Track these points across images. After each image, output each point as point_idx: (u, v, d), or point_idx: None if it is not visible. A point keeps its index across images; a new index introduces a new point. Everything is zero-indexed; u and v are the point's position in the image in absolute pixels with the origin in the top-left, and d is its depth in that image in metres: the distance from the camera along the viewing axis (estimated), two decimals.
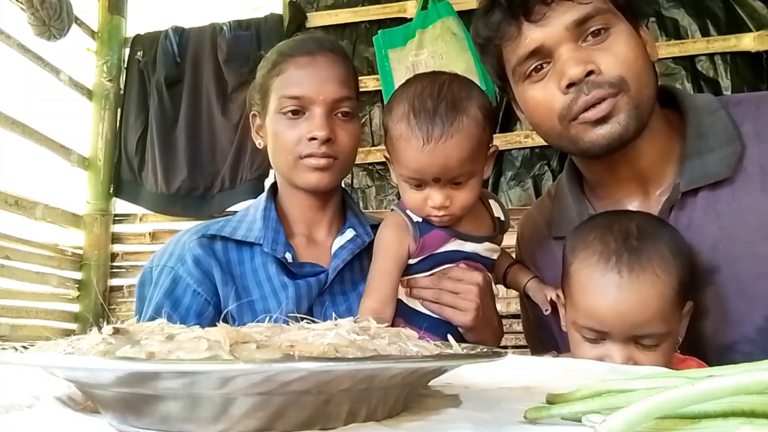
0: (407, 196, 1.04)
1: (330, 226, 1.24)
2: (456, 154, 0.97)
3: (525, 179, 2.87)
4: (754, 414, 0.39)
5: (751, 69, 2.67)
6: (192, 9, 3.31)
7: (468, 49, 2.70)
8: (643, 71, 0.98)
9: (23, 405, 0.51)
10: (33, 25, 2.75)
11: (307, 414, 0.44)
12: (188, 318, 1.10)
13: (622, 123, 0.96)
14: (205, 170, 3.12)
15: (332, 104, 1.14)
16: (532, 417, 0.48)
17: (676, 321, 0.91)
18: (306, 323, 0.53)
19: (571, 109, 0.97)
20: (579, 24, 0.96)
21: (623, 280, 0.88)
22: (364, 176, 3.04)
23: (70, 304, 3.11)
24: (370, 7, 3.09)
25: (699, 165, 0.99)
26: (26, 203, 2.77)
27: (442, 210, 1.00)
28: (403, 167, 1.01)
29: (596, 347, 0.91)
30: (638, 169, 1.04)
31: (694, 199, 1.00)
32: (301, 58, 1.16)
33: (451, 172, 0.98)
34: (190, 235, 1.17)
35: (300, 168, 1.15)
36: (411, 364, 0.47)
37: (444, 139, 0.96)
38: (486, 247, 1.08)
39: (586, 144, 0.99)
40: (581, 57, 0.95)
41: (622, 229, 0.92)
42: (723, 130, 1.00)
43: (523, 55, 1.00)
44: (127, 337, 0.46)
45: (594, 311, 0.90)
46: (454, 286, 1.04)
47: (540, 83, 1.00)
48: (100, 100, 3.30)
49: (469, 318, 1.03)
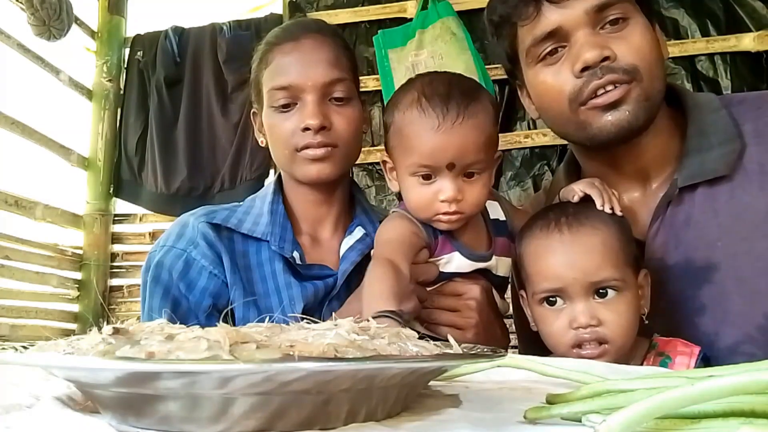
0: (413, 194, 0.96)
1: (336, 224, 1.17)
2: (472, 136, 0.91)
3: (525, 179, 2.87)
4: (754, 414, 0.39)
5: (751, 69, 2.67)
6: (192, 9, 3.31)
7: (468, 49, 2.70)
8: (656, 65, 0.98)
9: (23, 405, 0.51)
10: (33, 25, 2.75)
11: (307, 414, 0.44)
12: (204, 299, 1.06)
13: (632, 111, 0.96)
14: (205, 170, 3.12)
15: (323, 89, 1.07)
16: (532, 417, 0.48)
17: (630, 276, 0.92)
18: (306, 323, 0.53)
19: (582, 92, 0.96)
20: (599, 10, 0.96)
21: (565, 236, 0.92)
22: (364, 176, 3.04)
23: (70, 304, 3.11)
24: (370, 7, 3.09)
25: (698, 162, 0.99)
26: (26, 203, 2.77)
27: (454, 205, 0.93)
28: (414, 154, 0.93)
29: (561, 314, 0.92)
30: (640, 164, 1.04)
31: (692, 196, 1.00)
32: (285, 44, 1.10)
33: (467, 157, 0.91)
34: (196, 218, 1.11)
35: (298, 161, 1.08)
36: (411, 364, 0.47)
37: (460, 120, 0.90)
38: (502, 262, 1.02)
39: (593, 130, 0.98)
40: (598, 42, 0.95)
41: (559, 207, 0.98)
42: (723, 128, 1.00)
43: (540, 36, 0.99)
44: (127, 337, 0.46)
45: (547, 272, 0.92)
46: (451, 303, 0.99)
47: (553, 67, 1.00)
48: (100, 100, 3.30)
49: (469, 335, 0.97)
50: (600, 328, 0.89)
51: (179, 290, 1.07)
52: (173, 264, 1.08)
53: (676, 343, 0.94)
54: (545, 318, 0.94)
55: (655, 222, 1.02)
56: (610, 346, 0.89)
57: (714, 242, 0.98)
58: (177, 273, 1.07)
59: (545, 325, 0.94)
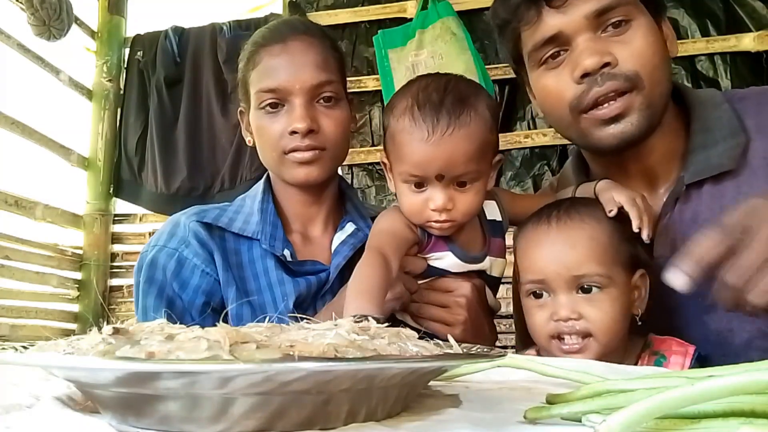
0: (405, 200, 0.97)
1: (326, 221, 1.18)
2: (462, 148, 0.91)
3: (525, 179, 2.87)
4: (754, 414, 0.39)
5: (751, 69, 2.67)
6: (192, 9, 3.31)
7: (468, 49, 2.70)
8: (660, 68, 0.97)
9: (23, 405, 0.51)
10: (33, 25, 2.75)
11: (307, 414, 0.44)
12: (197, 297, 1.07)
13: (635, 123, 0.95)
14: (204, 170, 3.12)
15: (311, 91, 1.07)
16: (532, 417, 0.48)
17: (620, 274, 0.91)
18: (306, 323, 0.53)
19: (582, 100, 0.96)
20: (600, 14, 0.95)
21: (552, 229, 0.92)
22: (364, 176, 3.04)
23: (70, 304, 3.11)
24: (370, 7, 3.09)
25: (703, 158, 0.99)
26: (26, 203, 2.77)
27: (444, 213, 0.93)
28: (405, 163, 0.94)
29: (544, 306, 0.92)
30: (647, 165, 1.04)
31: (699, 193, 0.99)
32: (273, 46, 1.10)
33: (456, 168, 0.91)
34: (187, 217, 1.12)
35: (286, 164, 1.09)
36: (411, 364, 0.47)
37: (450, 131, 0.90)
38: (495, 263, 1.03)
39: (594, 140, 0.98)
40: (598, 48, 0.94)
41: (558, 202, 0.98)
42: (727, 123, 0.99)
43: (540, 41, 0.98)
44: (127, 337, 0.46)
45: (533, 264, 0.93)
46: (441, 299, 1.00)
47: (554, 71, 0.99)
48: (100, 100, 3.30)
49: (457, 332, 0.97)
50: (581, 322, 0.89)
51: (173, 289, 1.07)
52: (166, 263, 1.08)
53: (671, 343, 0.94)
54: (529, 310, 0.95)
55: (663, 220, 1.02)
56: (594, 341, 0.89)
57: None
58: (170, 272, 1.07)
59: (529, 317, 0.95)
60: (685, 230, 1.00)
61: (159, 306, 1.06)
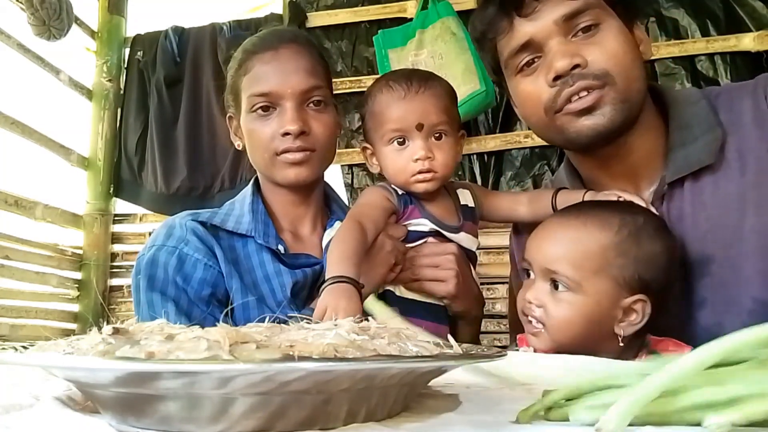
0: (390, 162, 1.08)
1: (314, 221, 1.24)
2: (434, 101, 1.06)
3: (525, 179, 2.87)
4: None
5: (751, 69, 2.66)
6: (192, 9, 3.31)
7: (468, 49, 2.70)
8: (630, 68, 0.99)
9: (23, 405, 0.51)
10: (33, 25, 2.75)
11: (307, 414, 0.45)
12: (203, 289, 1.09)
13: (608, 116, 0.98)
14: (204, 170, 3.12)
15: (301, 96, 1.13)
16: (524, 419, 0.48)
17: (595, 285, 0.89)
18: (306, 323, 0.53)
19: (556, 100, 0.99)
20: (568, 19, 0.98)
21: (553, 221, 0.98)
22: (364, 176, 3.04)
23: (70, 304, 3.10)
24: (370, 7, 3.09)
25: (683, 155, 1.01)
26: (26, 203, 2.77)
27: (427, 162, 1.05)
28: (387, 123, 1.07)
29: (525, 285, 0.97)
30: (629, 165, 1.06)
31: (681, 191, 1.02)
32: (264, 53, 1.15)
33: (432, 117, 1.05)
34: (181, 218, 1.15)
35: (278, 164, 1.14)
36: (411, 364, 0.47)
37: (423, 90, 1.07)
38: (468, 238, 1.12)
39: (571, 134, 1.01)
40: (568, 50, 0.97)
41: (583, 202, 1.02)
42: (705, 119, 1.02)
43: (515, 49, 1.02)
44: (127, 337, 0.46)
45: (530, 246, 0.98)
46: (430, 260, 1.08)
47: (530, 77, 1.03)
48: (100, 100, 3.29)
49: (451, 286, 1.06)
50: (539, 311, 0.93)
51: (177, 285, 1.09)
52: (167, 261, 1.10)
53: (668, 343, 0.95)
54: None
55: None
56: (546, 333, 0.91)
57: (705, 234, 0.99)
58: (172, 268, 1.10)
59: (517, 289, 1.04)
60: (672, 228, 1.00)
61: (161, 301, 1.07)
